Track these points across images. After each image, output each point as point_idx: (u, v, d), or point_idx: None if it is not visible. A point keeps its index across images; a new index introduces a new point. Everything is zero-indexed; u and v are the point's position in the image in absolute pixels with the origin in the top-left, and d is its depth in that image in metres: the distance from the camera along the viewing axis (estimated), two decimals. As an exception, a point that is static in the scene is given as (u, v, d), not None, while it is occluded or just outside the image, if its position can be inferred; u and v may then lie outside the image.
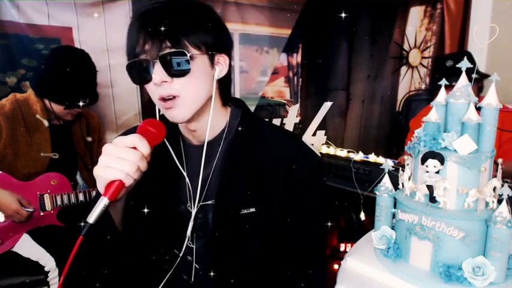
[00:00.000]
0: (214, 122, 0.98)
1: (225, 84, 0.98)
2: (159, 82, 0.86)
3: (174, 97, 0.88)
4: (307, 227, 1.01)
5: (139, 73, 0.88)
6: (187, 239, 1.00)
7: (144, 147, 0.80)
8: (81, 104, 1.88)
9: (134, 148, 0.79)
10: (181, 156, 1.02)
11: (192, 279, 1.03)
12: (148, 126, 0.84)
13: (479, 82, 2.08)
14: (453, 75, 1.02)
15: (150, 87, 0.90)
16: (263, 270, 1.00)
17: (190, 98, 0.90)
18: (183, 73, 0.86)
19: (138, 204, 0.93)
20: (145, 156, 0.80)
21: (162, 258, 1.02)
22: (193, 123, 0.97)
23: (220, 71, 0.94)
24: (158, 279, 1.03)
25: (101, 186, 0.78)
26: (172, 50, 0.84)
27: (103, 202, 0.75)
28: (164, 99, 0.88)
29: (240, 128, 1.00)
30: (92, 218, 0.73)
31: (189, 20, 0.87)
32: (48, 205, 1.88)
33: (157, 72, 0.85)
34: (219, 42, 0.92)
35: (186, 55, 0.85)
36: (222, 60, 0.94)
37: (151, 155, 0.82)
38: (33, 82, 1.99)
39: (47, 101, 1.89)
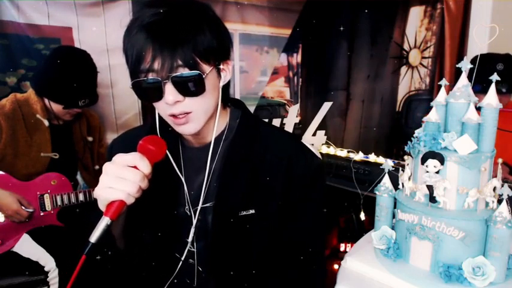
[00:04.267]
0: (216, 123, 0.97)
1: (225, 86, 0.97)
2: (172, 102, 0.83)
3: (187, 113, 0.86)
4: (306, 228, 1.00)
5: (148, 92, 0.85)
6: (189, 243, 0.99)
7: (145, 167, 0.78)
8: (80, 104, 1.89)
9: (135, 167, 0.77)
10: (180, 159, 1.01)
11: (195, 283, 1.02)
12: (148, 145, 0.81)
13: None
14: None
15: (160, 105, 0.87)
16: (263, 270, 1.00)
17: (203, 112, 0.89)
18: (197, 93, 0.84)
19: (136, 208, 0.92)
20: (146, 175, 0.78)
21: (164, 262, 1.01)
22: None
23: (225, 77, 0.93)
24: (160, 283, 1.02)
25: (102, 206, 0.78)
26: (186, 70, 0.81)
27: (104, 222, 0.74)
28: (175, 116, 0.87)
29: (239, 129, 1.00)
30: (93, 238, 0.73)
31: (197, 30, 0.83)
32: (48, 205, 1.88)
33: (170, 92, 0.82)
34: (224, 49, 0.90)
35: (200, 75, 0.82)
36: (226, 67, 0.93)
37: (152, 172, 0.80)
38: (34, 82, 1.99)
39: (46, 101, 1.89)
